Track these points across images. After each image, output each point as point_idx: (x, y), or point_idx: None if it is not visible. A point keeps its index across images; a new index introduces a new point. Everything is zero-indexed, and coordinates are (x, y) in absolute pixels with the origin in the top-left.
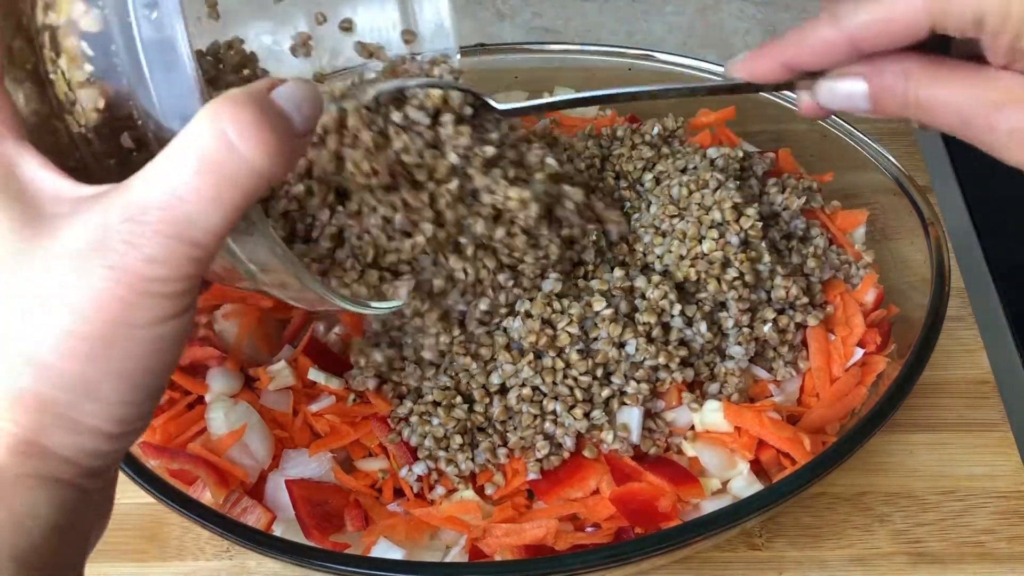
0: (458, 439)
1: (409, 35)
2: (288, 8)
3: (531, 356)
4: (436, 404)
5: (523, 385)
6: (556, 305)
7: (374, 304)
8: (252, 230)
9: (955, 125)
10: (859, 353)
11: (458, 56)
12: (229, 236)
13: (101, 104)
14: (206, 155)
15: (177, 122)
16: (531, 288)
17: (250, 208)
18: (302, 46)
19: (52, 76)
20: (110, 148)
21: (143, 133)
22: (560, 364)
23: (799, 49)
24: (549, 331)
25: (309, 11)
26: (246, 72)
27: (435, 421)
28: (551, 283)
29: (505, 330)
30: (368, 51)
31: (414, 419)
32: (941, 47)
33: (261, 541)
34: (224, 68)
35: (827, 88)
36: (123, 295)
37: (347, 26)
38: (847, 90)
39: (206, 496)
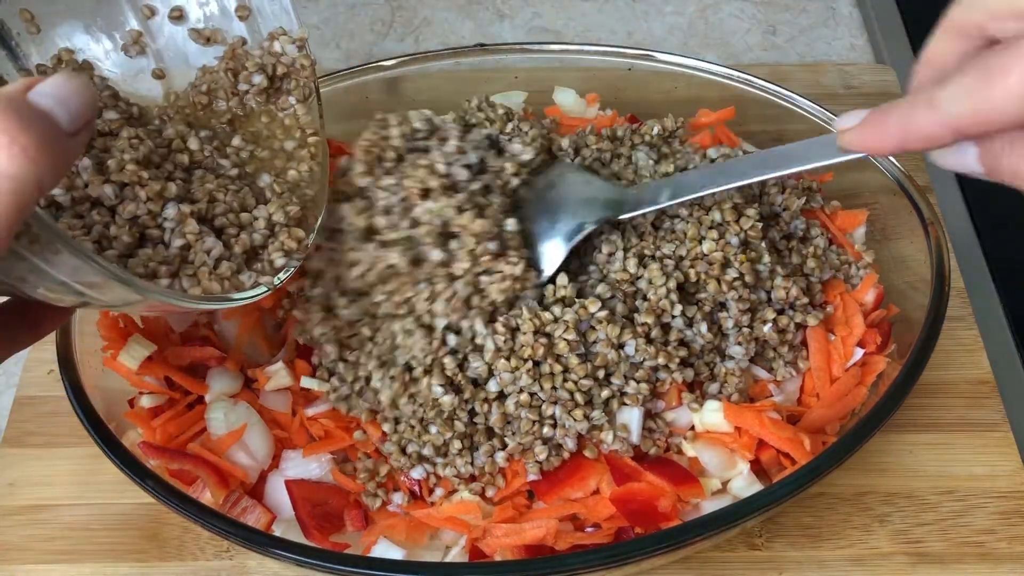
0: (457, 444)
1: (243, 10)
2: (113, 8)
3: (529, 364)
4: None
5: (521, 392)
6: (546, 315)
7: (235, 296)
8: (56, 247)
9: None
10: (859, 353)
11: (297, 26)
12: (38, 260)
13: None
14: None
15: None
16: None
17: (45, 224)
18: (134, 44)
19: None
20: None
21: None
22: (559, 369)
23: (904, 135)
24: (544, 340)
25: (136, 6)
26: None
27: (433, 429)
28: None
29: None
30: (204, 36)
31: (405, 434)
32: None
33: (261, 541)
34: None
35: (942, 155)
36: None
37: (178, 14)
38: (960, 156)
39: (206, 496)
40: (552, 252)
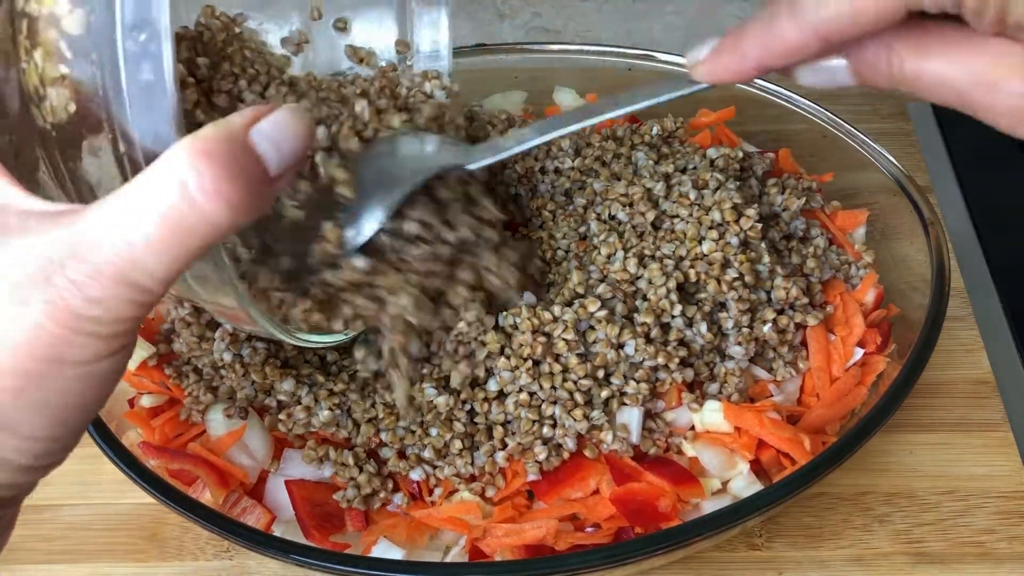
0: (457, 444)
1: (403, 46)
2: (283, 2)
3: (529, 363)
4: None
5: (520, 391)
6: (546, 315)
7: (313, 338)
8: (225, 289)
9: (951, 100)
10: (859, 353)
11: (450, 75)
12: (219, 297)
13: (72, 108)
14: (165, 207)
15: (149, 141)
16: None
17: (221, 267)
18: (295, 44)
19: (24, 65)
20: (70, 150)
21: (112, 145)
22: (558, 368)
23: (764, 51)
24: (543, 339)
25: (303, 4)
26: (226, 67)
27: (433, 431)
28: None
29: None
30: (359, 56)
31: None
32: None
33: (261, 541)
34: (207, 47)
35: (807, 72)
36: (57, 332)
37: (342, 25)
38: (829, 69)
39: (206, 496)
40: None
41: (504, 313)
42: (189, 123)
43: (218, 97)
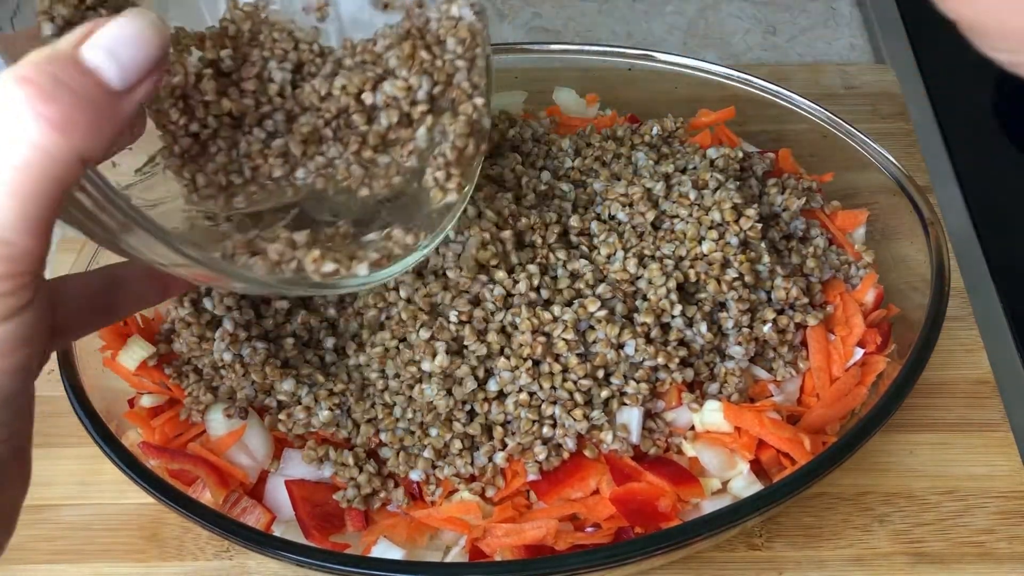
0: (457, 444)
1: None
2: None
3: (529, 363)
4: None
5: (520, 391)
6: (545, 315)
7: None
8: (126, 226)
9: None
10: (859, 353)
11: None
12: (124, 237)
13: None
14: None
15: None
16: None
17: (107, 194)
18: (316, 10)
19: None
20: None
21: None
22: (558, 368)
23: None
24: (542, 339)
25: None
26: (256, 54)
27: (433, 432)
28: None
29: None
30: (382, 2)
31: (405, 440)
32: None
33: (261, 541)
34: (236, 40)
35: None
36: None
37: None
38: None
39: (206, 496)
40: None
41: (504, 312)
42: (216, 115)
43: (247, 83)
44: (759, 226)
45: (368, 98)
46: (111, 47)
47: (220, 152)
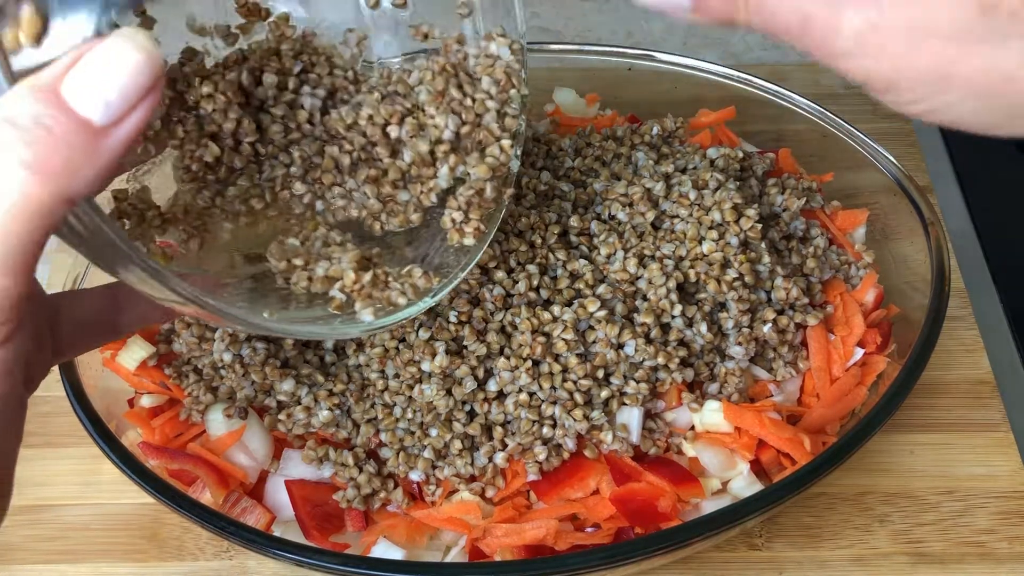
0: (457, 444)
1: (464, 7)
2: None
3: (528, 364)
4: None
5: (520, 391)
6: (545, 315)
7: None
8: (122, 259)
9: (794, 28)
10: (859, 353)
11: (521, 28)
12: (119, 270)
13: None
14: None
15: None
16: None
17: (99, 227)
18: (355, 45)
19: None
20: None
21: None
22: (558, 368)
23: None
24: (542, 339)
25: None
26: (292, 83)
27: (433, 432)
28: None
29: (506, 335)
30: (423, 33)
31: (405, 440)
32: None
33: (261, 541)
34: (282, 62)
35: None
36: None
37: (401, 2)
38: None
39: (206, 496)
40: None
41: (503, 312)
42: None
43: (277, 107)
44: (759, 226)
45: (394, 132)
46: (94, 80)
47: (241, 175)
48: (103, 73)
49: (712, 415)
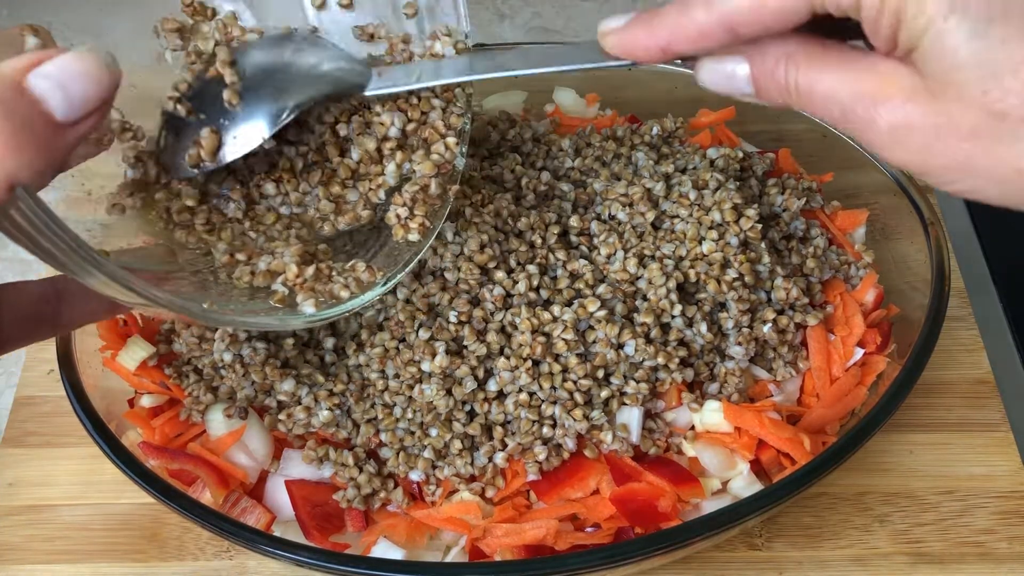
0: (457, 444)
1: (410, 8)
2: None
3: (528, 363)
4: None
5: (520, 391)
6: (545, 315)
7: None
8: (87, 265)
9: (836, 116)
10: (859, 353)
11: (466, 27)
12: (80, 275)
13: None
14: None
15: None
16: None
17: (47, 224)
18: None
19: None
20: None
21: None
22: (558, 368)
23: (674, 35)
24: (542, 339)
25: None
26: None
27: (433, 432)
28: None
29: (506, 335)
30: (368, 33)
31: (405, 440)
32: (838, 30)
33: (261, 541)
34: None
35: (709, 68)
36: None
37: (347, 2)
38: (729, 70)
39: (206, 496)
40: (249, 132)
41: (503, 312)
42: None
43: None
44: (759, 226)
45: (343, 129)
46: (61, 79)
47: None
48: (71, 75)
49: (712, 415)
